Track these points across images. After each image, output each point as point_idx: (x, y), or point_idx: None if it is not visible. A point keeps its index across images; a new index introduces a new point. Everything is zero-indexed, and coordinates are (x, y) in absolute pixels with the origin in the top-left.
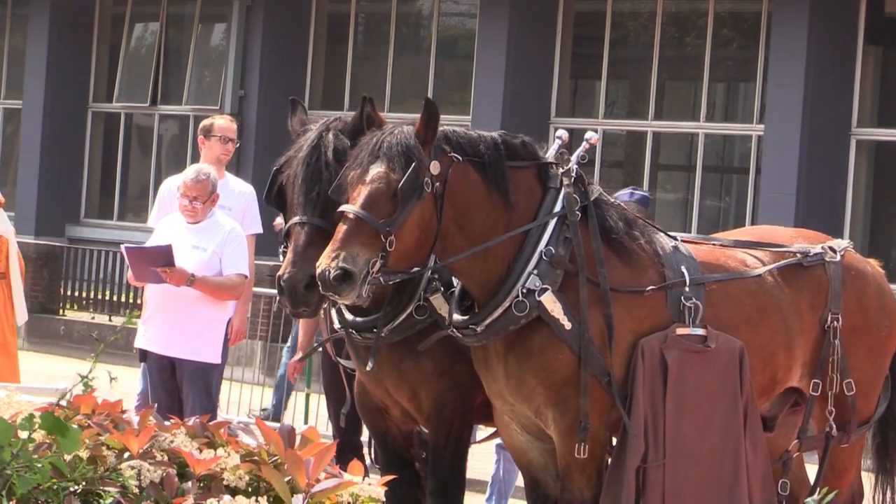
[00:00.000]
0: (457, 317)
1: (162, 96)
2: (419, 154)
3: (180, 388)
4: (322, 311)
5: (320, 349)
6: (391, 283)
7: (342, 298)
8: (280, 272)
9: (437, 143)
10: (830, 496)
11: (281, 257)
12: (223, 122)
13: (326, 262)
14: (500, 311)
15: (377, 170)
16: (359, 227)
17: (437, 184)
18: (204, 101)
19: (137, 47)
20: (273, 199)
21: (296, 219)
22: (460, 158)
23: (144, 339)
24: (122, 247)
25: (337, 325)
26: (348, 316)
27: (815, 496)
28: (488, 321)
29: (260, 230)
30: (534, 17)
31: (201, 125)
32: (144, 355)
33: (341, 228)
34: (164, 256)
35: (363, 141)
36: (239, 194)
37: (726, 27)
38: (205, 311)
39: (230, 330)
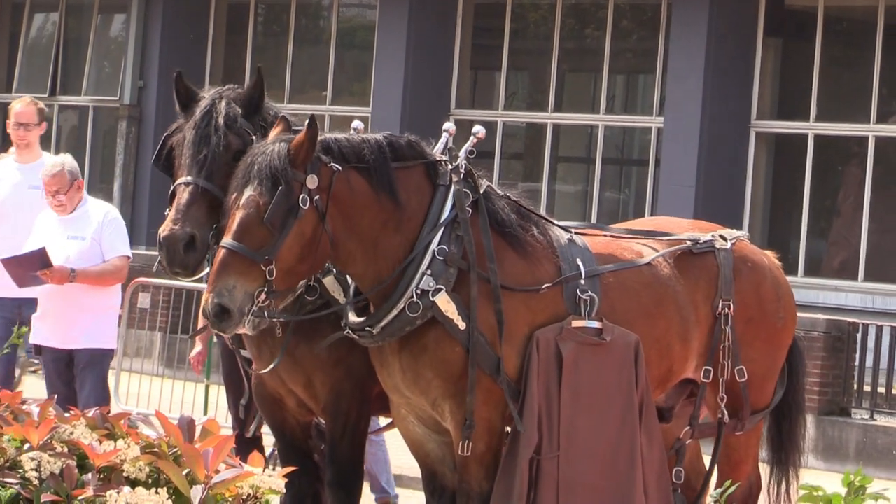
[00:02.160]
0: (352, 318)
1: (61, 87)
2: (287, 175)
3: (78, 376)
4: None
5: (217, 340)
6: (286, 302)
7: (226, 334)
8: (161, 229)
9: (316, 156)
10: (732, 489)
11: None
12: (19, 107)
13: (206, 296)
14: (394, 312)
15: (248, 194)
16: (234, 258)
17: (317, 197)
18: (103, 91)
19: (37, 37)
20: (162, 163)
21: (181, 179)
22: (339, 168)
23: (40, 335)
24: None
25: None
26: None
27: (717, 490)
28: (383, 323)
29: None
30: (434, 8)
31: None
32: (40, 350)
33: (217, 262)
34: (39, 259)
35: (243, 159)
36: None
37: (626, 19)
38: (93, 300)
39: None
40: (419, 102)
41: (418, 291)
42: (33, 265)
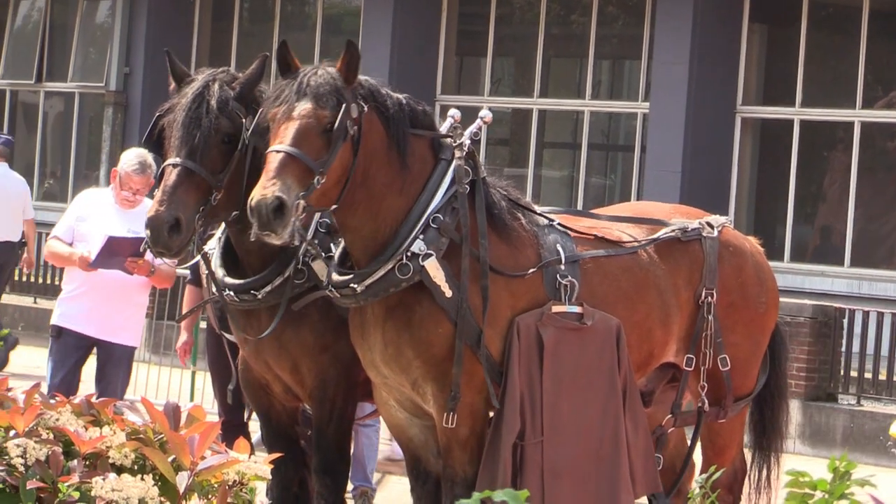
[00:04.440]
0: (336, 276)
1: (47, 73)
2: (348, 94)
3: (102, 368)
4: (204, 278)
5: (203, 326)
6: (303, 220)
7: (276, 236)
8: (148, 210)
9: (354, 88)
10: (717, 474)
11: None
12: None
13: (261, 191)
14: (382, 272)
15: (305, 106)
16: (292, 162)
17: (355, 127)
18: (89, 77)
19: (23, 24)
20: (152, 144)
21: (170, 160)
22: (366, 108)
23: (66, 317)
24: (108, 236)
25: (214, 290)
26: (226, 279)
27: (702, 475)
28: (369, 281)
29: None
30: None
31: None
32: (59, 332)
33: (273, 162)
34: (139, 246)
35: (280, 83)
36: None
37: (611, 5)
38: (139, 296)
39: (24, 263)
40: (405, 88)
41: (409, 254)
42: (127, 250)
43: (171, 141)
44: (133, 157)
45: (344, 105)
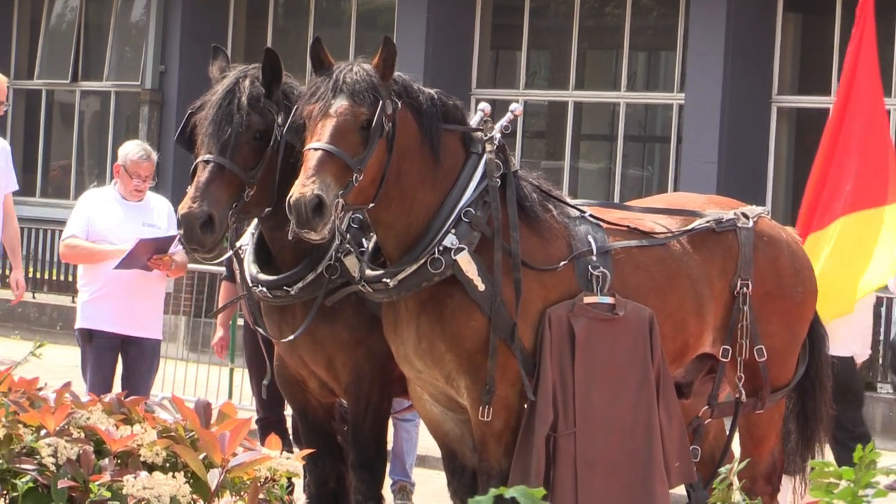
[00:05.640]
0: (368, 272)
1: (83, 72)
2: (384, 91)
3: (131, 365)
4: (237, 275)
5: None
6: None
7: (315, 233)
8: (180, 207)
9: (388, 84)
10: (742, 465)
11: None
12: None
13: (300, 189)
14: (415, 266)
15: (342, 103)
16: (331, 160)
17: (390, 124)
18: (125, 76)
19: (58, 23)
20: (185, 140)
21: (202, 157)
22: (399, 104)
23: (94, 319)
24: (139, 238)
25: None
26: (259, 275)
27: (728, 465)
28: (402, 276)
29: (16, 187)
30: None
31: None
32: (90, 334)
33: (311, 160)
34: (166, 245)
35: (315, 80)
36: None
37: None
38: (159, 289)
39: (16, 285)
40: (440, 82)
41: (441, 248)
42: (152, 250)
43: (203, 138)
44: (134, 146)
45: (381, 102)
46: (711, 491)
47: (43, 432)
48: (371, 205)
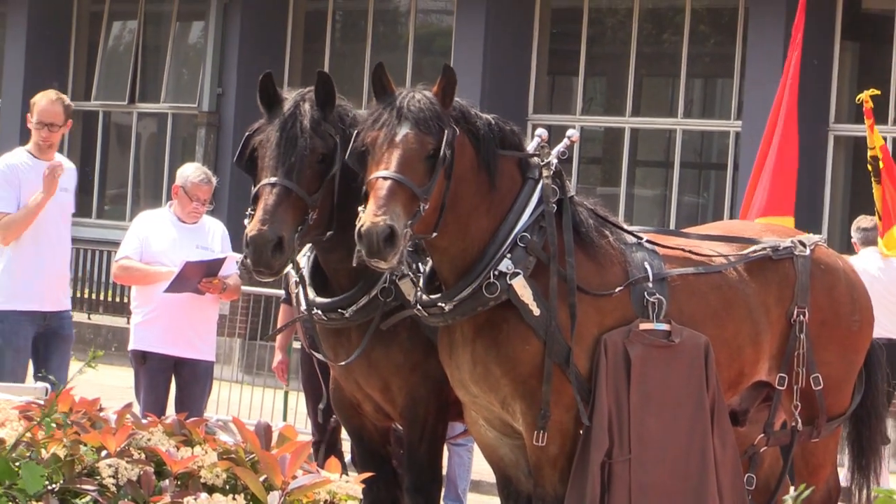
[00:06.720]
0: (424, 296)
1: (140, 94)
2: (448, 120)
3: (185, 387)
4: (293, 298)
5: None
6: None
7: (385, 263)
8: (249, 229)
9: (449, 111)
10: (807, 492)
11: (246, 222)
12: (44, 104)
13: (371, 219)
14: (469, 290)
15: (407, 132)
16: (401, 189)
17: (449, 151)
18: (182, 98)
19: (115, 45)
20: (245, 163)
21: (267, 180)
22: (457, 130)
23: (147, 341)
24: (185, 261)
25: (303, 308)
26: (315, 298)
27: (792, 492)
28: (457, 300)
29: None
30: (511, 14)
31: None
32: (143, 357)
33: (381, 189)
34: (217, 267)
35: (377, 106)
36: (70, 171)
37: (703, 23)
38: (212, 311)
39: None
40: (497, 108)
41: (496, 272)
42: (202, 273)
43: (267, 160)
44: (194, 169)
45: (445, 131)
46: None
47: (104, 453)
48: (434, 234)
